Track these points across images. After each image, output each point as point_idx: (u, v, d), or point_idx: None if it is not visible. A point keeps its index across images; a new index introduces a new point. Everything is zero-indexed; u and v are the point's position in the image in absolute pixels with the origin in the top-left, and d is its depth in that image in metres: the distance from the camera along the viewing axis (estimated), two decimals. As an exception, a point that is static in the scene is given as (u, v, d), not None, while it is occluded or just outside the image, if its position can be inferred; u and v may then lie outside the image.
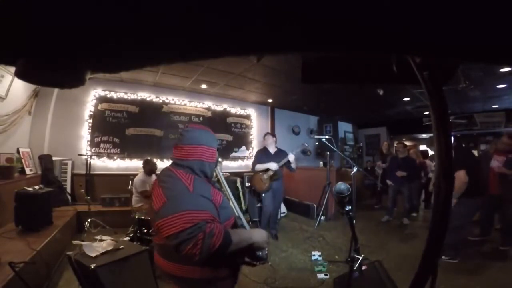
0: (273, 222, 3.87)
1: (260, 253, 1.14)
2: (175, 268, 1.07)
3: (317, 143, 7.70)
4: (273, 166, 3.66)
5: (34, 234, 2.49)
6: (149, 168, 3.72)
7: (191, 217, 0.96)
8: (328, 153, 5.00)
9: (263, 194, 3.82)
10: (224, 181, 1.47)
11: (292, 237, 4.01)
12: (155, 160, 4.15)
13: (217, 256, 0.98)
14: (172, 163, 1.17)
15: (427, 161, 5.64)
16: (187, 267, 1.04)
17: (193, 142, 1.14)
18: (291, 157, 3.64)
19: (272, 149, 3.88)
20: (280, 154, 3.84)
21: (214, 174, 1.40)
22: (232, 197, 1.41)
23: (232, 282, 1.16)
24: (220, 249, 0.96)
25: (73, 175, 4.45)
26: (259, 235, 1.12)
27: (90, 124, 4.68)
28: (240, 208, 4.61)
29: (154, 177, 3.81)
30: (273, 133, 4.04)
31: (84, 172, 4.45)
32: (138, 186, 3.54)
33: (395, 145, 5.30)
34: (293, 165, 3.72)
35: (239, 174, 5.48)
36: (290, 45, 0.38)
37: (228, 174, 5.39)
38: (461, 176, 2.84)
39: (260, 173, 3.72)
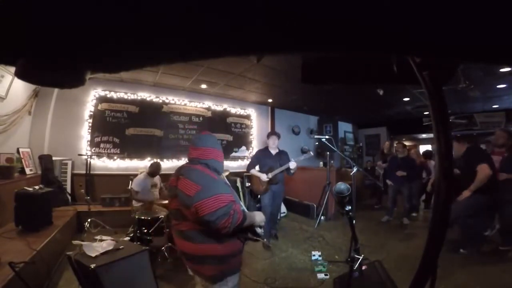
0: (273, 222, 3.79)
1: (260, 230, 1.47)
2: (200, 248, 1.30)
3: (317, 143, 7.70)
4: (263, 177, 3.52)
5: (34, 234, 2.49)
6: (152, 170, 3.70)
7: (224, 198, 1.25)
8: (328, 153, 5.00)
9: (259, 196, 3.73)
10: (224, 177, 1.71)
11: (292, 237, 4.01)
12: (155, 160, 4.14)
13: (234, 231, 1.27)
14: (190, 161, 1.44)
15: (431, 161, 5.62)
16: (210, 246, 1.29)
17: (210, 145, 1.43)
18: (292, 165, 3.45)
19: (274, 150, 3.71)
20: (282, 155, 3.68)
21: None
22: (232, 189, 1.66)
23: (240, 259, 1.44)
24: (240, 223, 1.27)
25: (73, 175, 4.45)
26: (259, 216, 1.47)
27: (90, 124, 4.68)
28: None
29: (155, 179, 3.80)
30: (278, 134, 3.79)
31: (84, 172, 4.45)
32: (135, 185, 3.50)
33: (395, 145, 5.30)
34: (292, 171, 3.55)
35: (239, 174, 5.48)
36: (290, 45, 0.38)
37: (228, 171, 5.39)
38: (485, 169, 2.85)
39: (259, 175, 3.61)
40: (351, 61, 0.71)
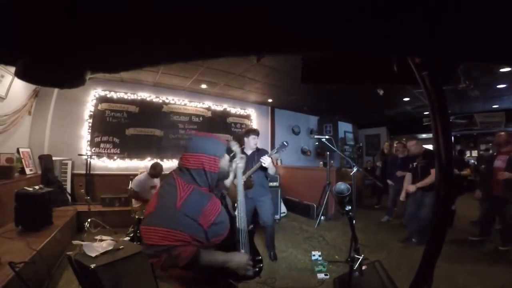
0: (269, 240, 3.18)
1: (244, 273, 1.15)
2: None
3: (317, 143, 7.69)
4: (227, 183, 3.04)
5: (34, 234, 2.48)
6: (154, 172, 3.68)
7: (165, 235, 0.96)
8: (328, 153, 4.99)
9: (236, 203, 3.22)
10: (241, 189, 1.46)
11: (292, 237, 4.00)
12: (156, 160, 4.13)
13: (212, 273, 1.06)
14: (177, 168, 1.17)
15: None
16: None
17: (193, 151, 1.12)
18: (265, 160, 2.77)
19: (249, 150, 3.12)
20: (258, 154, 3.02)
21: (232, 178, 1.43)
22: (243, 208, 1.40)
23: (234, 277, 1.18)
24: (184, 268, 0.98)
25: (73, 175, 4.45)
26: (238, 258, 1.13)
27: (90, 124, 4.68)
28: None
29: (155, 181, 3.79)
30: (251, 130, 3.17)
31: (84, 172, 4.45)
32: (134, 185, 3.49)
33: (395, 145, 5.30)
34: (270, 171, 2.86)
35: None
36: (290, 45, 0.38)
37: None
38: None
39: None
40: (352, 61, 0.71)
